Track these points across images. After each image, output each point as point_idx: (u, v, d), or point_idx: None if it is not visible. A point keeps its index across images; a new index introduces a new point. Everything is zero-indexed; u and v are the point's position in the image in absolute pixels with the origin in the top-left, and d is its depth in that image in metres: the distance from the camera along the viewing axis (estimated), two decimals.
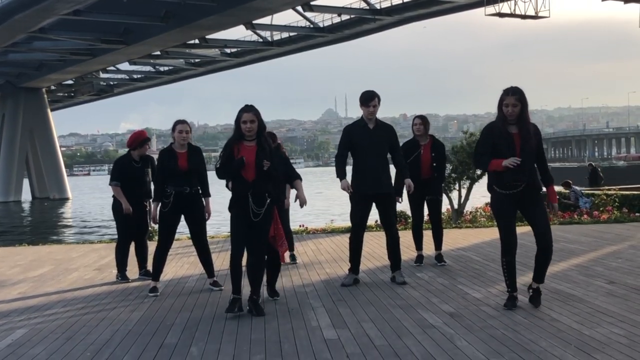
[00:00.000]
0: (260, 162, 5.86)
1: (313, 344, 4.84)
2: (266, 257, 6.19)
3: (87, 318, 5.95)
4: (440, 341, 4.81)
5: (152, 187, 7.93)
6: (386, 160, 7.13)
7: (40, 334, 5.42)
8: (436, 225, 8.25)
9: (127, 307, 6.38)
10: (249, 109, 5.93)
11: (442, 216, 14.29)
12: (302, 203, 6.75)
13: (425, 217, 8.46)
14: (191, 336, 5.20)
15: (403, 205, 8.18)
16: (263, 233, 5.98)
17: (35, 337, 5.34)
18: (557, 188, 18.89)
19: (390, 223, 7.14)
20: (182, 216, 7.11)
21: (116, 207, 7.87)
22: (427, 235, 8.40)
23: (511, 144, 5.60)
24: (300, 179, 7.01)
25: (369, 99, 6.99)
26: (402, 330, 5.14)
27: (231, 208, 6.01)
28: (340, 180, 6.92)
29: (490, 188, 5.83)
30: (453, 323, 5.31)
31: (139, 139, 7.79)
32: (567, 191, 15.62)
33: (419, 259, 8.20)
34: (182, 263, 8.94)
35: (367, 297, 6.44)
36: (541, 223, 5.70)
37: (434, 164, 7.99)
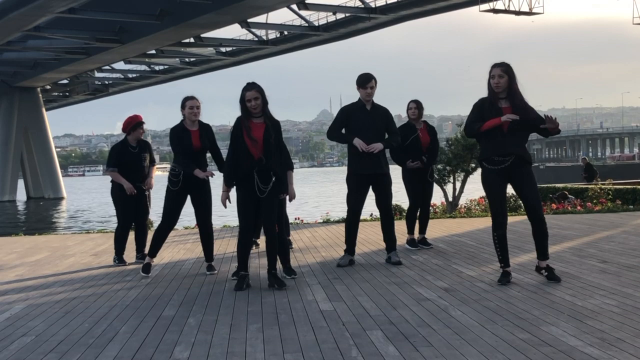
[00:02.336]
0: (268, 139, 5.91)
1: (309, 315, 4.89)
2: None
3: (85, 295, 6.00)
4: (434, 311, 4.87)
5: (152, 173, 7.93)
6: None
7: (38, 309, 5.46)
8: (425, 209, 8.30)
9: (124, 286, 6.42)
10: (251, 86, 5.98)
11: (437, 209, 14.52)
12: (291, 197, 6.80)
13: None
14: (188, 309, 5.25)
15: (398, 197, 8.21)
16: (270, 210, 6.02)
17: (34, 311, 5.38)
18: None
19: (386, 204, 7.19)
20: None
21: (115, 192, 7.88)
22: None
23: None
24: (292, 169, 7.02)
25: (366, 80, 7.04)
26: (397, 303, 5.20)
27: (238, 186, 6.07)
28: (353, 140, 6.89)
29: (480, 164, 5.91)
30: (448, 296, 5.38)
31: (133, 122, 7.76)
32: (563, 201, 15.52)
33: (412, 242, 8.24)
34: (179, 249, 8.98)
35: (362, 275, 6.50)
36: (531, 196, 5.77)
37: (429, 147, 8.07)
